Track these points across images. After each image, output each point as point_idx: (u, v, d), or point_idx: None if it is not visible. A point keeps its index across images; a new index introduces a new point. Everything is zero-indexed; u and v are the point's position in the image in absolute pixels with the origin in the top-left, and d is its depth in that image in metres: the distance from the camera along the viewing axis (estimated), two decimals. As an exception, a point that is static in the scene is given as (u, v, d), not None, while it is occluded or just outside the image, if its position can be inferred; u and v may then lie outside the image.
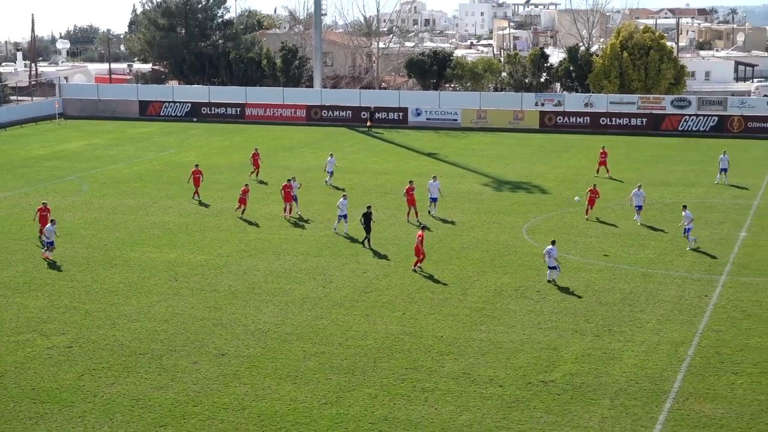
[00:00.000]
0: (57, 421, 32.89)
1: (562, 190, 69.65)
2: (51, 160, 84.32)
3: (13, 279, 48.84)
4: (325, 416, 33.21)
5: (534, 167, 79.47)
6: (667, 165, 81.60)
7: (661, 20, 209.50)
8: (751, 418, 32.90)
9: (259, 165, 74.18)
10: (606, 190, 69.04)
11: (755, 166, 78.96)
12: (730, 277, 48.84)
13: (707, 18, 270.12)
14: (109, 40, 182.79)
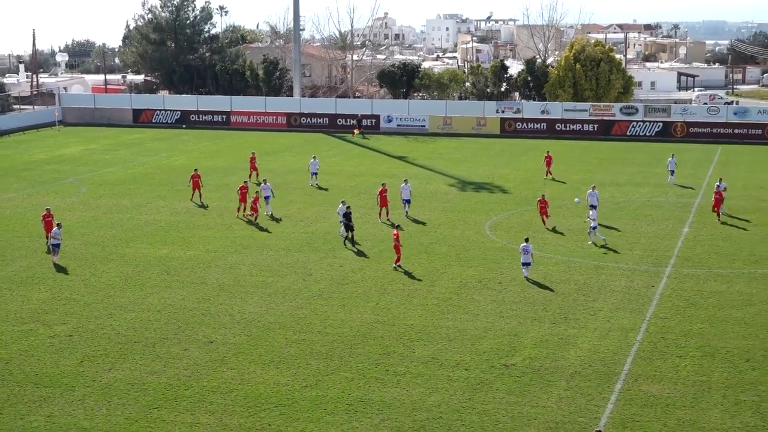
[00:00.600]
0: (59, 404, 32.81)
1: (522, 190, 69.83)
2: (51, 164, 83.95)
3: (17, 273, 48.64)
4: (306, 398, 33.23)
5: (495, 169, 79.62)
6: (617, 167, 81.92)
7: (611, 35, 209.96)
8: (694, 398, 33.11)
9: (256, 168, 74.01)
10: (554, 192, 69.36)
11: (697, 168, 79.36)
12: (674, 269, 49.09)
13: (652, 33, 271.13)
14: (105, 53, 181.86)
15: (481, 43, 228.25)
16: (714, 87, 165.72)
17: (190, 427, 31.05)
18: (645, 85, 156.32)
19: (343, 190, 69.96)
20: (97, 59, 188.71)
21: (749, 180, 74.89)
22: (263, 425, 31.20)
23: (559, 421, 31.34)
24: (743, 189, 70.86)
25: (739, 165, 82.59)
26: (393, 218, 59.01)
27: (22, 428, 31.01)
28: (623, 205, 65.12)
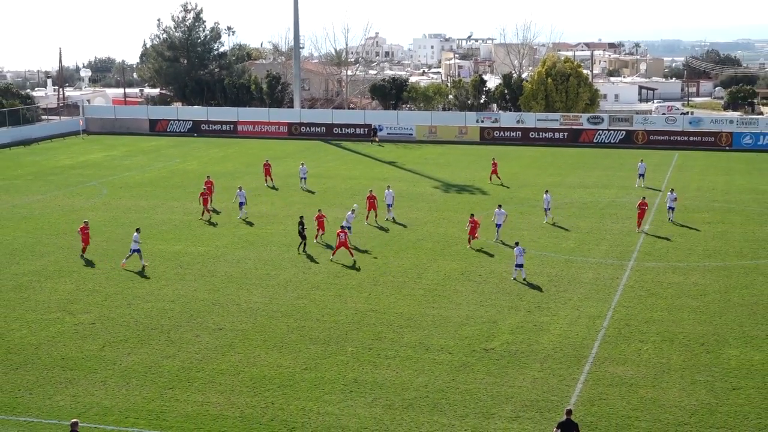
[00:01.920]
0: (83, 385, 32.73)
1: (499, 192, 69.81)
2: (76, 169, 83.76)
3: (46, 267, 48.50)
4: (306, 379, 33.18)
5: (476, 173, 79.60)
6: (585, 171, 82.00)
7: (579, 52, 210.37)
8: (655, 378, 33.14)
9: (270, 173, 73.61)
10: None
11: (656, 172, 79.39)
12: (636, 263, 49.14)
13: (616, 50, 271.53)
14: (124, 69, 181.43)
15: (463, 59, 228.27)
16: (671, 99, 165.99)
17: (201, 406, 30.98)
18: (609, 97, 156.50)
19: (340, 192, 69.99)
20: (117, 74, 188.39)
21: (702, 183, 75.04)
22: (267, 403, 31.14)
23: (534, 399, 31.33)
24: (697, 191, 71.03)
25: (694, 169, 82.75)
26: (383, 223, 58.93)
27: (50, 407, 30.92)
28: (590, 205, 65.17)
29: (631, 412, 30.28)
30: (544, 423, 29.61)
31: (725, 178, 77.15)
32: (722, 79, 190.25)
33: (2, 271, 47.72)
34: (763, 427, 29.32)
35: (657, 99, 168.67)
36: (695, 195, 69.02)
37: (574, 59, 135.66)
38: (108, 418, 30.03)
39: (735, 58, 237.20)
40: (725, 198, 68.13)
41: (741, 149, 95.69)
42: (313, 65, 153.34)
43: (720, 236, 55.00)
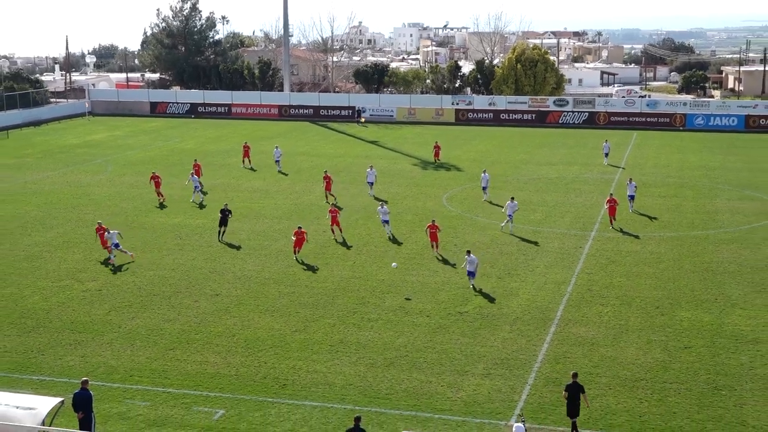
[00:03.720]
0: (91, 347, 32.77)
1: (472, 168, 69.81)
2: (82, 148, 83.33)
3: (55, 239, 48.37)
4: (296, 340, 33.30)
5: (451, 151, 79.57)
6: (551, 149, 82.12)
7: (546, 40, 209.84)
8: (614, 338, 33.40)
9: (249, 155, 72.38)
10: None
11: (616, 150, 79.44)
12: (597, 233, 49.37)
13: (580, 38, 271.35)
14: (126, 55, 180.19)
15: (439, 47, 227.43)
16: (630, 83, 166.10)
17: (200, 365, 31.06)
18: (574, 81, 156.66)
19: (325, 168, 69.77)
20: (120, 60, 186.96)
21: (658, 160, 75.33)
22: (260, 363, 31.24)
23: (504, 358, 31.54)
24: (654, 167, 71.29)
25: (651, 147, 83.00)
26: (366, 199, 58.87)
27: (61, 367, 30.95)
28: (556, 181, 65.35)
29: (593, 369, 30.54)
30: (513, 379, 29.84)
31: (679, 156, 77.44)
32: (677, 65, 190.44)
33: (15, 242, 47.58)
34: (711, 381, 29.63)
35: (617, 83, 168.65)
36: (652, 171, 69.28)
37: (542, 47, 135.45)
38: (114, 377, 30.10)
39: (689, 45, 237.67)
40: (679, 174, 68.41)
41: (694, 129, 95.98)
42: (302, 52, 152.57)
43: (674, 209, 55.29)
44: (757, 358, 31.62)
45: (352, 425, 23.17)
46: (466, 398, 28.49)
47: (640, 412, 27.48)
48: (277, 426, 26.66)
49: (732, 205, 56.73)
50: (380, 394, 28.87)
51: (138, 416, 27.23)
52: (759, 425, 26.64)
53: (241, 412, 27.56)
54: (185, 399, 28.47)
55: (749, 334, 33.87)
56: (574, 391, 25.43)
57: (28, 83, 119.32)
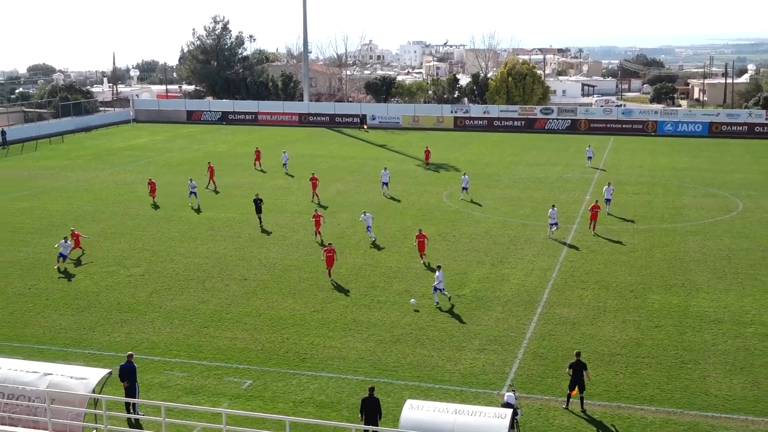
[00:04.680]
0: (135, 325, 32.87)
1: (469, 168, 69.59)
2: (127, 151, 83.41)
3: (105, 230, 48.48)
4: (314, 320, 33.35)
5: (450, 153, 79.46)
6: (538, 152, 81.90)
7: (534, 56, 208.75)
8: (593, 318, 33.39)
9: (260, 158, 71.05)
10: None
11: (595, 153, 79.11)
12: (579, 225, 49.27)
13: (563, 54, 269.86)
14: (166, 69, 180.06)
15: (440, 62, 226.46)
16: (608, 94, 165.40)
17: (230, 341, 31.13)
18: (558, 92, 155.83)
19: (340, 169, 69.82)
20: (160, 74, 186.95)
21: (633, 162, 75.09)
22: (283, 339, 31.30)
23: (496, 335, 31.54)
24: (628, 168, 71.07)
25: (626, 151, 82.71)
26: (380, 199, 58.73)
27: (108, 343, 31.06)
28: (542, 179, 65.21)
29: (574, 345, 30.48)
30: (504, 354, 29.84)
31: (651, 158, 77.19)
32: (649, 78, 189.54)
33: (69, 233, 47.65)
34: (678, 356, 29.60)
35: (596, 94, 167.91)
36: (627, 172, 69.06)
37: (530, 62, 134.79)
38: (155, 351, 30.19)
39: (659, 61, 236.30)
40: (651, 174, 68.20)
41: (663, 134, 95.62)
42: (319, 66, 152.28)
43: (646, 204, 55.15)
44: (719, 336, 31.57)
45: (367, 394, 23.19)
46: (463, 370, 28.50)
47: (615, 383, 27.46)
48: (297, 394, 26.72)
49: (697, 202, 56.56)
50: (388, 366, 28.89)
51: (176, 385, 27.32)
52: (720, 395, 26.63)
53: (267, 382, 27.62)
54: (217, 370, 28.55)
55: (712, 315, 33.81)
56: (577, 368, 25.42)
57: (80, 94, 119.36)
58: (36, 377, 20.90)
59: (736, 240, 45.81)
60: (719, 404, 26.01)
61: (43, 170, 70.75)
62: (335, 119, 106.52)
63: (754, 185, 62.70)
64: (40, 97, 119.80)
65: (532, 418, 24.97)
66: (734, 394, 26.59)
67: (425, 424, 19.32)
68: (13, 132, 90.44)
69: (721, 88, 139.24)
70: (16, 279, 38.96)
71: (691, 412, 25.46)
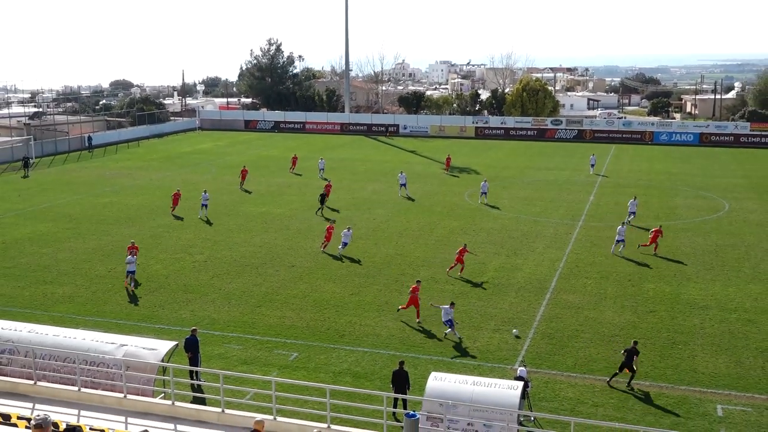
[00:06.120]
0: (198, 304, 33.09)
1: (488, 172, 69.28)
2: (193, 155, 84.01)
3: (173, 222, 48.87)
4: (352, 301, 33.35)
5: (471, 158, 79.08)
6: (548, 158, 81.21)
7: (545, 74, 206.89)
8: (596, 303, 33.06)
9: (295, 164, 69.99)
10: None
11: (599, 160, 78.30)
12: (584, 222, 48.81)
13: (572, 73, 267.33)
14: (227, 84, 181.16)
15: (463, 79, 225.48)
16: (610, 107, 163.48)
17: (280, 319, 31.24)
18: (567, 106, 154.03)
19: (375, 172, 69.72)
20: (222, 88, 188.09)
21: (632, 167, 74.21)
22: (325, 318, 31.35)
23: (510, 317, 31.33)
24: (628, 172, 70.27)
25: (626, 158, 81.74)
26: (397, 199, 58.54)
27: (176, 318, 31.32)
28: (552, 182, 64.65)
29: (579, 327, 30.23)
30: (517, 333, 29.62)
31: (648, 164, 76.21)
32: (647, 93, 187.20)
33: (144, 225, 48.18)
34: (670, 338, 29.21)
35: (600, 107, 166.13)
36: (627, 176, 68.26)
37: (542, 79, 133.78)
38: (215, 326, 30.38)
39: (656, 79, 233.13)
40: (647, 177, 67.36)
41: (659, 143, 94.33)
42: (359, 82, 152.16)
43: (643, 204, 54.42)
44: (706, 321, 31.11)
45: (397, 367, 23.14)
46: (481, 347, 28.34)
47: (615, 360, 27.13)
48: (337, 366, 26.74)
49: (688, 202, 55.75)
50: (415, 343, 28.82)
51: (233, 356, 27.47)
52: (707, 372, 26.23)
53: (310, 354, 27.68)
54: (268, 344, 28.66)
55: (700, 302, 33.32)
56: (630, 354, 24.92)
57: (154, 105, 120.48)
58: (113, 347, 21.15)
59: (722, 237, 45.10)
60: (706, 380, 25.62)
61: (122, 170, 71.55)
62: (372, 128, 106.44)
63: (738, 188, 61.67)
64: (120, 108, 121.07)
65: (540, 390, 24.77)
66: (719, 372, 26.18)
67: (448, 393, 19.26)
68: (97, 138, 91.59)
69: (710, 103, 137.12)
70: (98, 263, 39.43)
71: (681, 387, 25.11)
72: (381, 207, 53.43)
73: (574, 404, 23.90)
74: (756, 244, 43.40)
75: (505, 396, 19.07)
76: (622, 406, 23.79)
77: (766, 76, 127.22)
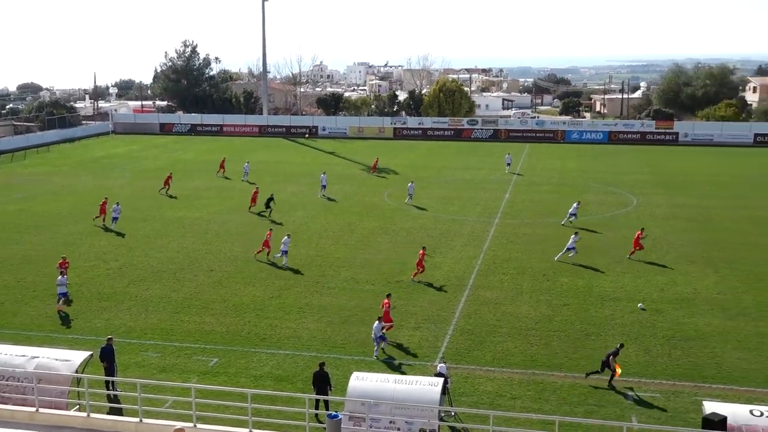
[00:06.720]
0: (114, 312, 32.23)
1: (407, 172, 69.81)
2: (107, 159, 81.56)
3: (86, 229, 47.37)
4: (273, 304, 33.08)
5: (390, 159, 79.47)
6: (465, 157, 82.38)
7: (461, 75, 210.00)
8: (512, 298, 33.72)
9: (224, 167, 68.95)
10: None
11: (514, 158, 79.99)
12: (500, 220, 49.73)
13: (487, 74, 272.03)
14: (141, 87, 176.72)
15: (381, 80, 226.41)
16: (524, 107, 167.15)
17: (198, 324, 30.72)
18: (482, 106, 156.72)
19: (295, 173, 69.31)
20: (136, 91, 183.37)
21: (545, 165, 76.05)
22: (245, 322, 30.99)
23: (430, 315, 31.67)
24: (542, 170, 71.97)
25: (539, 156, 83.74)
26: (315, 200, 58.42)
27: (90, 328, 30.40)
28: (469, 181, 65.64)
29: (496, 322, 30.80)
30: (437, 331, 29.97)
31: (560, 162, 78.27)
32: (558, 93, 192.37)
33: (56, 231, 46.55)
34: (584, 329, 30.07)
35: (514, 107, 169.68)
36: (540, 173, 69.93)
37: (458, 80, 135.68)
38: (132, 335, 29.64)
39: (567, 79, 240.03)
40: (560, 175, 69.18)
41: (571, 142, 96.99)
42: (277, 84, 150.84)
43: (556, 201, 55.89)
44: (617, 312, 32.17)
45: (318, 369, 23.07)
46: (402, 346, 28.53)
47: (531, 353, 27.79)
48: (258, 369, 26.47)
49: (599, 198, 57.52)
50: (337, 344, 28.80)
51: (151, 364, 26.85)
52: (619, 361, 27.06)
53: (231, 359, 27.31)
54: (187, 350, 28.14)
55: (611, 294, 34.44)
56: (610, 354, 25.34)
57: (64, 109, 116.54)
58: (24, 360, 20.36)
59: (631, 230, 46.64)
60: (617, 369, 26.46)
61: (32, 176, 68.90)
62: (290, 130, 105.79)
63: (646, 184, 64.02)
64: (28, 112, 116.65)
65: (460, 385, 25.13)
66: (629, 360, 27.11)
67: (369, 392, 19.32)
68: (3, 143, 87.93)
69: (618, 102, 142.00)
70: (6, 273, 37.88)
71: (594, 377, 25.87)
72: (301, 209, 53.16)
73: (493, 398, 24.34)
74: (662, 237, 45.15)
75: (426, 393, 19.25)
76: (539, 398, 24.37)
77: (668, 77, 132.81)
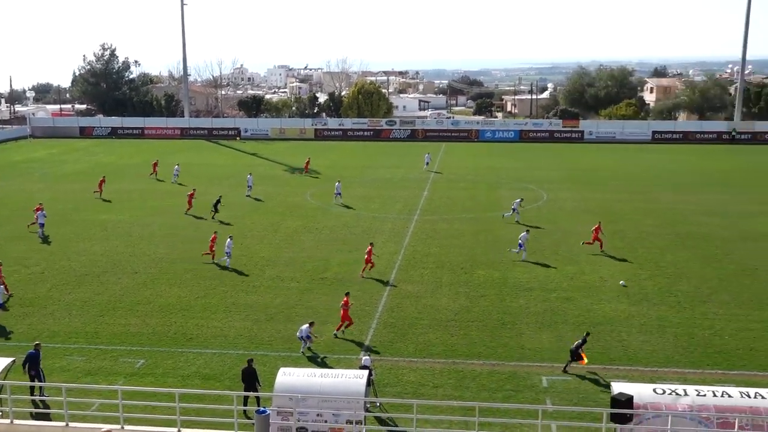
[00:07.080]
0: (36, 316, 31.09)
1: (328, 173, 69.76)
2: (26, 163, 78.43)
3: (6, 234, 45.48)
4: (199, 305, 32.55)
5: (313, 160, 78.98)
6: (384, 157, 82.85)
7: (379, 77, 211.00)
8: (433, 291, 34.16)
9: (156, 169, 67.79)
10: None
11: (431, 157, 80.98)
12: (419, 216, 50.26)
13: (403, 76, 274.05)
14: (59, 90, 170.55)
15: (302, 83, 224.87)
16: (440, 108, 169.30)
17: (124, 327, 29.95)
18: (400, 107, 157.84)
19: (217, 176, 68.28)
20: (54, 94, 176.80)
21: (461, 163, 77.24)
22: (171, 323, 30.39)
23: (354, 310, 31.64)
24: (458, 168, 73.06)
25: (455, 155, 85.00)
26: (243, 200, 57.84)
27: (12, 334, 29.19)
28: (389, 180, 66.06)
29: (418, 314, 31.15)
30: (361, 325, 30.08)
31: (475, 160, 79.62)
32: (472, 95, 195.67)
33: (-29, 238, 44.49)
34: (500, 319, 30.74)
35: (430, 108, 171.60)
36: (456, 171, 70.97)
37: (376, 82, 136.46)
38: (56, 339, 28.64)
39: (479, 81, 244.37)
40: (475, 173, 70.38)
41: (484, 140, 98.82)
42: (198, 87, 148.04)
43: (471, 197, 56.91)
44: (531, 301, 33.02)
45: (246, 366, 22.85)
46: (327, 340, 28.54)
47: (451, 343, 28.24)
48: (185, 369, 26.01)
49: (512, 194, 58.61)
50: (263, 341, 28.58)
51: (76, 368, 26.02)
52: (533, 348, 27.87)
53: (158, 360, 26.74)
54: (113, 353, 27.39)
55: (526, 284, 35.31)
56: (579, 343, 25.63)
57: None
58: (-58, 369, 19.45)
59: (542, 223, 47.99)
60: (532, 355, 27.22)
61: (-56, 182, 65.62)
62: (212, 132, 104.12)
63: (555, 180, 65.83)
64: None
65: (384, 377, 25.32)
66: (543, 347, 27.89)
67: (297, 387, 19.28)
68: None
69: (528, 102, 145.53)
70: None
71: (511, 363, 26.52)
72: (225, 209, 52.35)
73: (416, 387, 24.64)
74: (570, 229, 46.55)
75: (352, 385, 19.35)
76: (460, 386, 24.80)
77: (573, 78, 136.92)
